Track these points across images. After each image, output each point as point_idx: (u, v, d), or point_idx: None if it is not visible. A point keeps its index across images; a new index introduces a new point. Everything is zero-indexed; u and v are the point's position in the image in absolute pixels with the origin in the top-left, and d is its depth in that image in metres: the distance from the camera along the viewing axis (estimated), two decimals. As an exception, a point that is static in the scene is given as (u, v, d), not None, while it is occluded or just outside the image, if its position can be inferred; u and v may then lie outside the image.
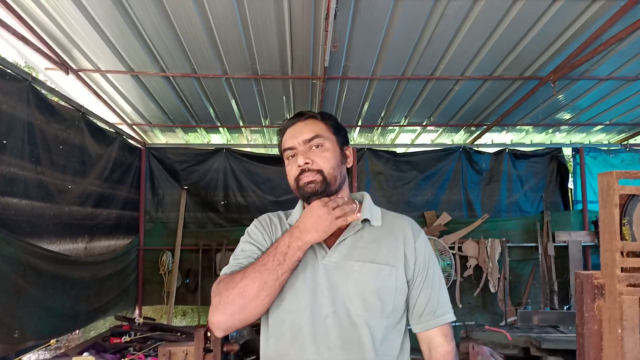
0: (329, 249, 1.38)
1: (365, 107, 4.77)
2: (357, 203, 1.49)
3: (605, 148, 5.95)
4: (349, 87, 4.27)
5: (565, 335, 3.17)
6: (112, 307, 4.66)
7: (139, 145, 5.50)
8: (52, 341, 2.56)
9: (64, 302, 3.62)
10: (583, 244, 5.59)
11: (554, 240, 5.54)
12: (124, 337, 3.12)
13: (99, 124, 4.36)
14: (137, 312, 5.37)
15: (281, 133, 1.49)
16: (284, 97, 4.52)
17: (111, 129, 4.65)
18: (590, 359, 1.72)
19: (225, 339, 2.63)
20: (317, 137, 1.40)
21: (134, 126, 5.21)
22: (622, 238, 1.60)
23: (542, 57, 3.69)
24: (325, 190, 1.38)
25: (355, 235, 1.40)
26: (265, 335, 1.39)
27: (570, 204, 6.00)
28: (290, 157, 1.44)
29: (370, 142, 5.91)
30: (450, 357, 1.37)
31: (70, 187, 3.83)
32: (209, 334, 2.62)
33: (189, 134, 5.76)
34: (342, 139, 1.47)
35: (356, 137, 5.89)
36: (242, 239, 1.50)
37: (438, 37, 3.40)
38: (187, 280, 5.56)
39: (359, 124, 5.26)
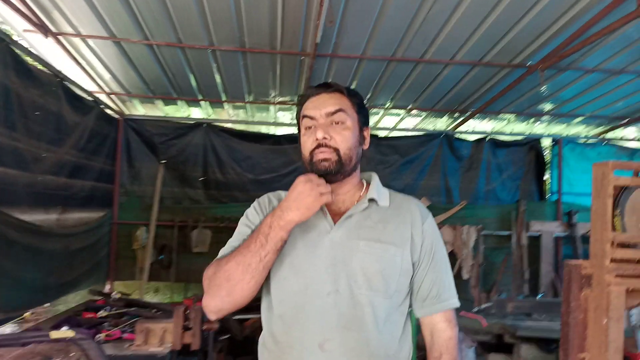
0: (334, 225, 1.35)
1: (352, 87, 4.69)
2: (365, 183, 1.46)
3: (584, 140, 6.04)
4: (338, 66, 4.20)
5: (539, 323, 3.23)
6: (83, 281, 4.55)
7: (117, 116, 5.34)
8: (26, 314, 2.46)
9: (35, 274, 3.51)
10: (555, 234, 5.71)
11: (527, 230, 5.63)
12: (100, 312, 3.04)
13: (77, 91, 4.20)
14: (108, 287, 5.27)
15: (301, 101, 1.44)
16: (271, 73, 4.42)
17: (89, 98, 4.49)
18: (574, 347, 1.74)
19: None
20: (340, 112, 1.36)
21: (112, 95, 5.04)
22: (613, 229, 1.61)
23: (533, 45, 3.69)
24: (340, 170, 1.34)
25: (362, 213, 1.37)
26: (268, 312, 1.38)
27: (546, 194, 6.10)
28: (307, 128, 1.39)
29: (353, 124, 5.86)
30: (453, 343, 1.36)
31: (44, 155, 3.69)
32: (188, 312, 2.57)
33: (169, 106, 5.61)
34: (363, 119, 1.44)
35: (339, 118, 5.82)
36: (240, 220, 1.46)
37: (432, 18, 3.35)
38: (162, 257, 5.47)
39: (344, 104, 5.19)
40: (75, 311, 3.31)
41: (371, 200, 1.40)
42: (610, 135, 6.00)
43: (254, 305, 4.75)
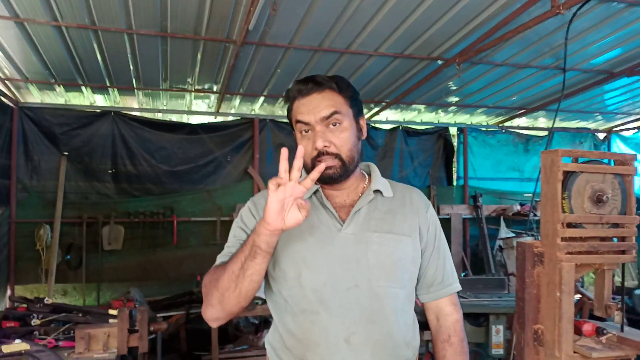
0: (343, 222, 1.33)
1: (275, 77, 4.66)
2: (366, 174, 1.46)
3: (485, 129, 6.54)
4: (263, 55, 4.12)
5: (468, 300, 3.47)
6: (-18, 287, 4.10)
7: (11, 104, 4.81)
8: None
9: None
10: (463, 216, 6.15)
11: (438, 213, 6.01)
12: (33, 320, 2.73)
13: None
14: (8, 292, 4.77)
15: (291, 99, 1.37)
16: (191, 60, 4.23)
17: (-18, 83, 4.01)
18: (529, 320, 1.89)
19: (152, 319, 2.44)
20: (336, 114, 1.31)
21: (6, 81, 4.53)
22: (562, 211, 1.76)
23: (451, 39, 3.89)
24: (344, 174, 1.33)
25: (369, 205, 1.37)
26: (283, 312, 1.32)
27: (453, 179, 6.52)
28: (304, 132, 1.34)
29: (272, 114, 5.82)
30: (460, 325, 1.42)
31: None
32: (134, 313, 2.42)
33: (70, 92, 5.16)
34: (357, 110, 1.40)
35: (258, 109, 5.77)
36: (235, 221, 1.40)
37: (362, 10, 3.40)
38: (69, 257, 5.07)
39: (265, 93, 5.14)
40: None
41: (376, 191, 1.40)
42: (507, 124, 6.54)
43: (175, 303, 4.56)
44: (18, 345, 1.67)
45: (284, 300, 1.33)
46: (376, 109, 5.85)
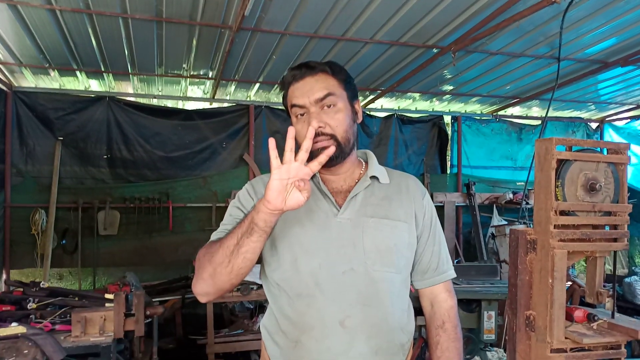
0: (340, 207, 1.35)
1: (271, 63, 4.64)
2: (363, 161, 1.47)
3: (479, 117, 6.56)
4: (259, 41, 4.10)
5: (460, 286, 3.52)
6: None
7: (5, 88, 4.78)
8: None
9: None
10: (456, 204, 6.19)
11: (432, 201, 6.04)
12: (29, 303, 2.75)
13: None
14: (4, 276, 4.79)
15: (286, 86, 1.39)
16: (186, 45, 4.21)
17: (-25, 67, 3.97)
18: (521, 306, 1.93)
19: (149, 303, 2.47)
20: (330, 96, 1.33)
21: (0, 65, 4.49)
22: (555, 199, 1.79)
23: (447, 27, 3.89)
24: (340, 155, 1.33)
25: (365, 191, 1.38)
26: (277, 296, 1.34)
27: (447, 167, 6.56)
28: (299, 116, 1.35)
29: (268, 100, 5.81)
30: (454, 312, 1.45)
31: None
32: (130, 297, 2.44)
33: (64, 77, 5.12)
34: (352, 94, 1.41)
35: (253, 95, 5.75)
36: (231, 202, 1.41)
37: (359, -3, 3.40)
38: (64, 241, 5.08)
39: (260, 80, 5.13)
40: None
41: (372, 177, 1.42)
42: (501, 112, 6.57)
43: (171, 287, 4.59)
44: (14, 328, 1.69)
45: (276, 285, 1.35)
46: (371, 97, 5.85)
